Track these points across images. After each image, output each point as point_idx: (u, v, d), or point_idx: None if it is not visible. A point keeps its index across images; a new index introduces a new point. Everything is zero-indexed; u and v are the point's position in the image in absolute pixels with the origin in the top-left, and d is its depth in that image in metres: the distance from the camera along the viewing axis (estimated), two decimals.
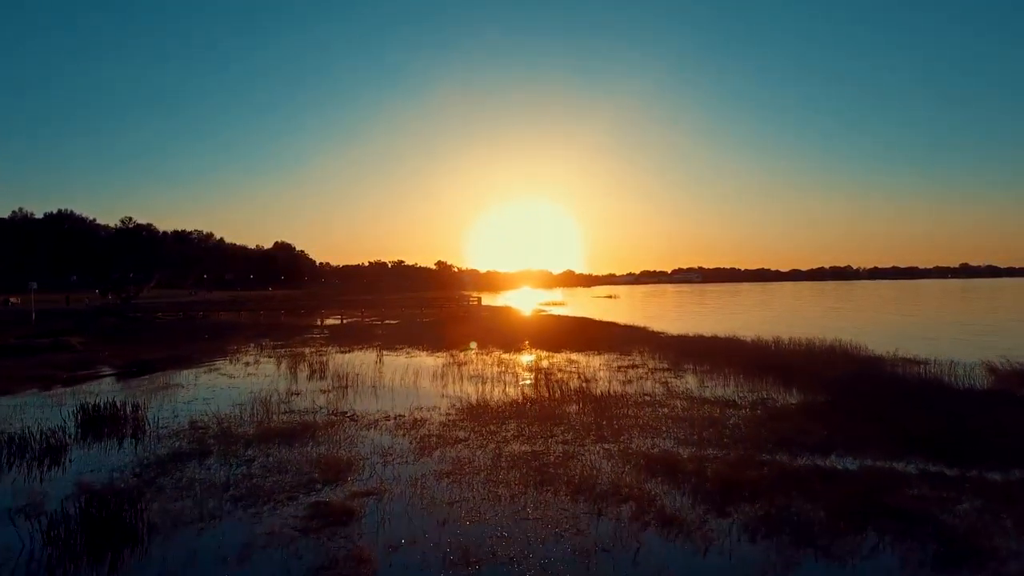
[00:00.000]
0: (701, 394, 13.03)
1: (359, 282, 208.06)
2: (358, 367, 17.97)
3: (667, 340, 23.45)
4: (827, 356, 17.24)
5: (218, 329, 35.19)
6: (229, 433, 10.14)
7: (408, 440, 9.58)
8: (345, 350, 23.38)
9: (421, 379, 15.52)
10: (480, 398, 12.68)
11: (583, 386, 13.87)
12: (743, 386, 13.96)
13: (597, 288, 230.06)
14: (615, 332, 28.07)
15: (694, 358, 18.35)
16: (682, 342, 22.24)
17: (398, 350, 23.06)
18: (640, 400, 12.31)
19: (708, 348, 19.77)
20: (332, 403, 12.66)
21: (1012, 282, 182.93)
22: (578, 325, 32.31)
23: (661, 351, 20.36)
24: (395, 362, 19.44)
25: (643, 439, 9.41)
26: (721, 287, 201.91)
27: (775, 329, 30.68)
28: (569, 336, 26.09)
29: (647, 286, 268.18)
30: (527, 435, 9.73)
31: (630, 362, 18.51)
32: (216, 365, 20.00)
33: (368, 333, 31.23)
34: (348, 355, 21.79)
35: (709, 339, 22.27)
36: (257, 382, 15.96)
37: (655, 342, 23.28)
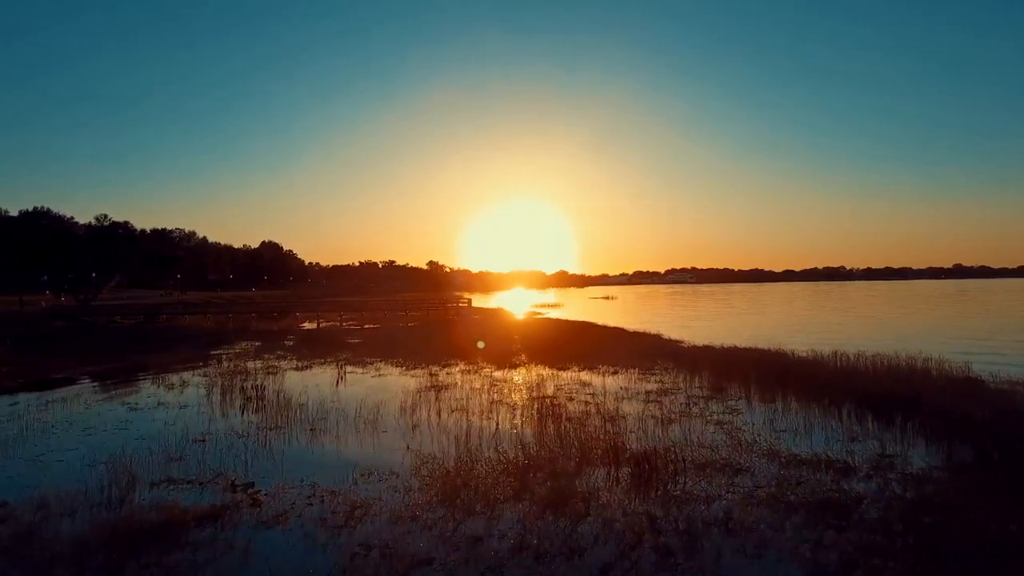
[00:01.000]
0: (783, 445, 9.02)
1: (348, 283, 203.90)
2: (307, 393, 13.87)
3: (692, 352, 19.47)
4: (935, 379, 13.14)
5: (171, 336, 30.95)
6: (31, 540, 6.04)
7: (331, 560, 5.52)
8: (304, 366, 19.25)
9: (383, 416, 11.42)
10: (461, 456, 8.61)
11: (608, 430, 9.84)
12: (834, 429, 9.99)
13: (591, 289, 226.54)
14: (625, 340, 24.08)
15: (737, 380, 14.39)
16: (712, 355, 18.27)
17: (367, 365, 18.96)
18: (699, 459, 8.30)
19: (749, 364, 15.79)
20: (241, 464, 8.55)
21: (1011, 283, 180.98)
22: (581, 332, 28.30)
23: (690, 367, 16.39)
24: (357, 385, 15.34)
25: (743, 563, 5.40)
26: (715, 288, 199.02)
27: (814, 338, 26.82)
28: (573, 346, 22.07)
29: (641, 287, 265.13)
30: (535, 547, 5.70)
31: (658, 384, 14.50)
32: (134, 386, 15.85)
33: (340, 341, 27.09)
34: (304, 373, 17.67)
35: (745, 352, 18.29)
36: (165, 416, 11.84)
37: (678, 354, 19.31)
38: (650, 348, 21.61)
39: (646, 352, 20.42)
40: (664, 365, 17.49)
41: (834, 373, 13.90)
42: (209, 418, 11.60)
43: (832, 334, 30.14)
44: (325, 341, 27.27)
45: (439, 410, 11.82)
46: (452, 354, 21.01)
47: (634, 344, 22.77)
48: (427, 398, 12.98)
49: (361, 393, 13.90)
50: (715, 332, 31.55)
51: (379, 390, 14.35)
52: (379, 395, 13.50)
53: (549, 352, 20.79)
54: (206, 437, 10.07)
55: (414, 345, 23.86)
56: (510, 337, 25.85)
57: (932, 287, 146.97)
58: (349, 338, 28.80)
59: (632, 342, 23.46)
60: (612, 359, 18.72)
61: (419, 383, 15.15)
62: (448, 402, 12.61)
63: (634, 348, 21.48)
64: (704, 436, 9.60)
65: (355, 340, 27.77)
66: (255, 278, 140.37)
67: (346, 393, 14.09)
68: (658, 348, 21.71)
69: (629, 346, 22.14)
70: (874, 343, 22.26)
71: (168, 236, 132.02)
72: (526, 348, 22.40)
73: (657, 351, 20.70)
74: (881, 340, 25.37)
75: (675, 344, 23.10)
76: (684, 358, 18.13)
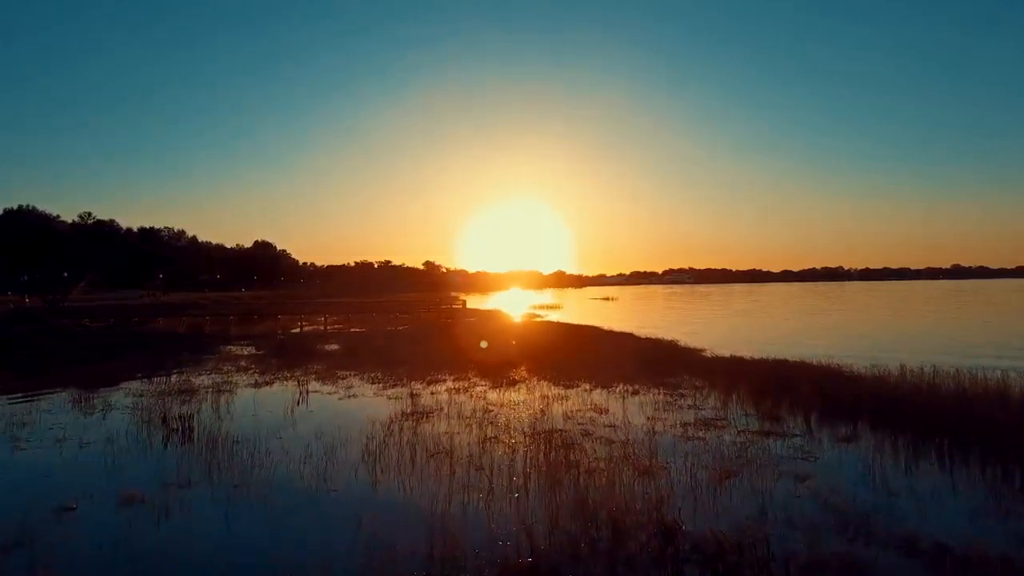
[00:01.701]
0: (913, 523, 6.11)
1: (343, 283, 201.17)
2: (251, 425, 10.97)
3: (720, 366, 16.59)
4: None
5: (134, 342, 27.95)
6: None
7: None
8: (264, 381, 16.30)
9: (337, 465, 8.49)
10: (435, 545, 5.71)
11: (648, 494, 6.95)
12: (982, 490, 7.13)
13: (589, 289, 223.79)
14: (638, 348, 21.17)
15: (792, 405, 11.56)
16: (746, 370, 15.39)
17: (338, 382, 16.03)
18: (795, 550, 5.41)
19: (801, 383, 12.92)
20: (103, 562, 5.65)
21: (1012, 283, 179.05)
22: (586, 337, 25.40)
23: (725, 387, 13.53)
24: (318, 412, 12.40)
25: None
26: (713, 288, 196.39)
27: (852, 345, 23.94)
28: (579, 356, 19.19)
29: (639, 287, 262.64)
30: None
31: (693, 411, 11.60)
32: (39, 411, 12.85)
33: (316, 349, 24.13)
34: (260, 392, 14.73)
35: (791, 367, 15.37)
36: (49, 461, 8.91)
37: (705, 367, 16.44)
38: (669, 358, 18.74)
39: (665, 364, 17.55)
40: (693, 382, 14.61)
41: (935, 397, 10.90)
42: (105, 466, 8.66)
43: (872, 341, 27.30)
44: (300, 349, 24.30)
45: (414, 454, 8.89)
46: (440, 366, 18.11)
47: (649, 353, 19.87)
48: (401, 433, 10.06)
49: (319, 424, 10.98)
50: (733, 338, 28.70)
51: (343, 419, 11.42)
52: (341, 428, 10.57)
53: (553, 363, 17.91)
54: (79, 502, 7.15)
55: (398, 354, 20.93)
56: (507, 344, 22.94)
57: (943, 288, 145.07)
58: (328, 344, 25.86)
59: (646, 351, 20.55)
60: (628, 373, 15.84)
61: (395, 408, 12.22)
62: (427, 440, 9.69)
63: (650, 358, 18.60)
64: (789, 504, 6.70)
65: (334, 347, 24.82)
66: (246, 278, 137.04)
67: (301, 424, 11.16)
68: (678, 358, 18.84)
69: (644, 355, 19.25)
70: (940, 355, 19.37)
71: (156, 236, 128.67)
72: (526, 358, 19.51)
73: (678, 363, 17.84)
74: (947, 350, 22.52)
75: (696, 354, 20.21)
76: (714, 373, 15.24)
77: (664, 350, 21.03)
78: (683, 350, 21.15)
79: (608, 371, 16.27)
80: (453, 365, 18.23)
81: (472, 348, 21.82)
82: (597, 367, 16.95)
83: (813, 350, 20.26)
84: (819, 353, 18.44)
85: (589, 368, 16.82)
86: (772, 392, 12.55)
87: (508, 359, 19.37)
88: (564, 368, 17.00)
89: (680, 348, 21.72)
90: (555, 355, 19.61)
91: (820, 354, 18.01)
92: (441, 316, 40.93)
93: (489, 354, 20.31)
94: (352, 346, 24.63)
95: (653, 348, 21.54)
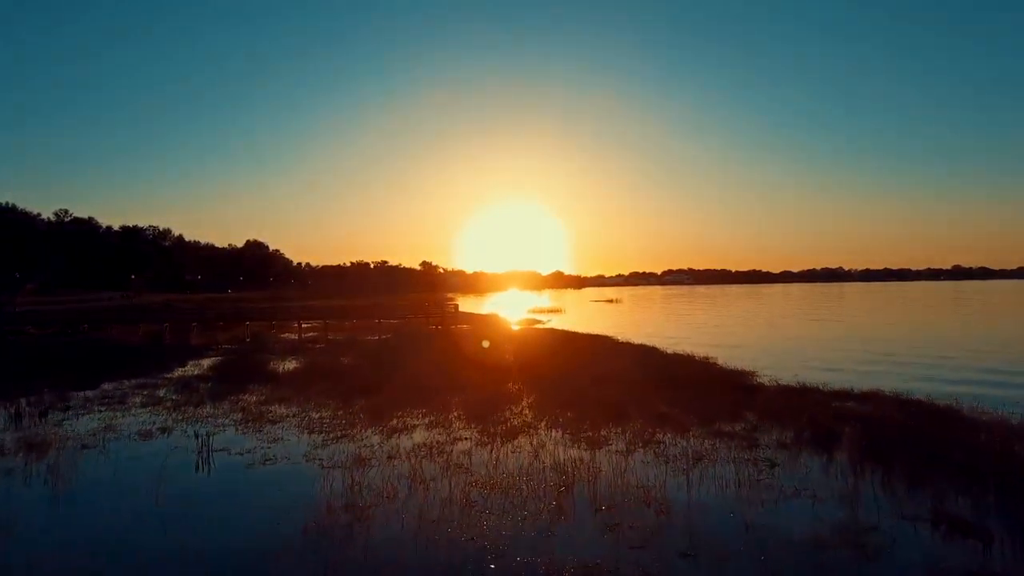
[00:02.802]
0: None
1: (336, 284, 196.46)
2: (60, 543, 6.46)
3: (797, 402, 12.08)
4: None
5: (58, 358, 23.34)
6: None
7: None
8: (163, 427, 11.68)
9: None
10: None
11: None
12: None
13: (588, 290, 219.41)
14: (671, 372, 16.58)
15: (957, 482, 7.13)
16: (848, 413, 10.90)
17: (265, 428, 11.45)
18: None
19: (958, 442, 8.48)
20: None
21: (1012, 284, 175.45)
22: (601, 353, 20.87)
23: (823, 443, 9.11)
24: (209, 489, 7.87)
25: None
26: (714, 289, 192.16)
27: (956, 366, 19.43)
28: (599, 383, 14.67)
29: (638, 288, 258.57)
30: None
31: (805, 503, 7.06)
32: None
33: (267, 369, 19.55)
34: (146, 447, 10.17)
35: (931, 413, 10.85)
36: None
37: (776, 406, 11.92)
38: (716, 388, 14.23)
39: (715, 396, 13.07)
40: (772, 434, 10.13)
41: None
42: None
43: (959, 358, 22.82)
44: (249, 368, 19.71)
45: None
46: (414, 398, 13.61)
47: (686, 378, 15.35)
48: (321, 556, 5.57)
49: (196, 522, 6.48)
50: (783, 354, 24.08)
51: (236, 515, 6.93)
52: (223, 539, 6.07)
53: (564, 395, 13.41)
54: None
55: (365, 378, 16.40)
56: (503, 364, 18.46)
57: (954, 289, 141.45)
58: (287, 362, 21.30)
59: (681, 374, 16.01)
60: (669, 414, 11.39)
61: (332, 485, 7.73)
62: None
63: (689, 385, 14.14)
64: None
65: (292, 365, 20.28)
66: (234, 279, 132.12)
67: (171, 522, 6.64)
68: (729, 387, 14.35)
69: (679, 381, 14.77)
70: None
71: (139, 234, 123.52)
72: (528, 384, 15.04)
73: (732, 395, 13.35)
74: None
75: (748, 379, 15.74)
76: (796, 418, 10.75)
77: (704, 373, 16.51)
78: (729, 374, 16.60)
79: (642, 409, 11.78)
80: (431, 397, 13.72)
81: (459, 368, 17.35)
82: (624, 402, 12.46)
83: (934, 382, 15.78)
84: (953, 388, 13.97)
85: (614, 404, 12.31)
86: (916, 462, 8.07)
87: (504, 388, 14.89)
88: (581, 404, 12.49)
89: (723, 371, 17.16)
90: (566, 381, 15.10)
91: (960, 390, 13.53)
92: (430, 322, 36.38)
93: (479, 379, 15.82)
94: (314, 364, 20.07)
95: (688, 369, 17.00)
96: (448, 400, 13.47)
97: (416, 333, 30.21)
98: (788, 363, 20.12)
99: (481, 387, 14.92)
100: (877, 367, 19.36)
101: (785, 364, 19.70)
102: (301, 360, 21.38)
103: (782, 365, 19.20)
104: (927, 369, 18.95)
